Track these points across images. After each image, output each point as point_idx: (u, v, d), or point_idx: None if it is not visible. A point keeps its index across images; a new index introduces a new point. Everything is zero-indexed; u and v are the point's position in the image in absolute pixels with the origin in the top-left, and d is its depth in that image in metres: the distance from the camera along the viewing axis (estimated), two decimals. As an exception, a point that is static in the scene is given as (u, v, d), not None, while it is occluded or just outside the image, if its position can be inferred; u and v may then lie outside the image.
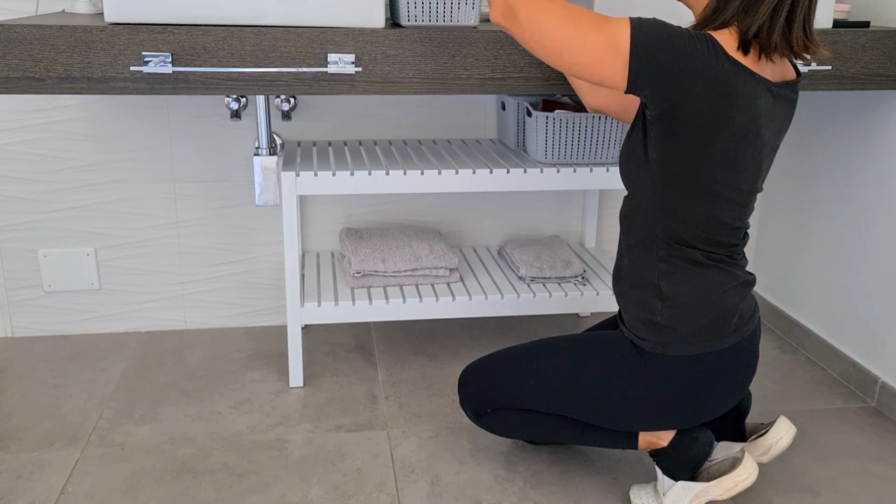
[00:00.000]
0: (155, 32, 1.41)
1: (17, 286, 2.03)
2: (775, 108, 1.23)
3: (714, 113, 1.17)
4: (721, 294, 1.30)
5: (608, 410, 1.37)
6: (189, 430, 1.68)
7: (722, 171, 1.22)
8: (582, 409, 1.39)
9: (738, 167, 1.23)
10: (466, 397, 1.49)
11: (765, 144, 1.24)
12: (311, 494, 1.48)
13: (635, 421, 1.38)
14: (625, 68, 1.15)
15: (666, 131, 1.21)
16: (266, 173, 1.75)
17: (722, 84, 1.15)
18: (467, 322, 2.22)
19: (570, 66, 1.20)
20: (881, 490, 1.54)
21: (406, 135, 2.09)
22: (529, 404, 1.42)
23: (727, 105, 1.16)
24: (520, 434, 1.53)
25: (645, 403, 1.34)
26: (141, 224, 2.03)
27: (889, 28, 1.71)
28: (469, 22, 1.56)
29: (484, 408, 1.47)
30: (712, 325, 1.30)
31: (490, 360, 1.49)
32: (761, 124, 1.21)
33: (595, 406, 1.37)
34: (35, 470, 1.53)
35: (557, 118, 1.78)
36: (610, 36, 1.15)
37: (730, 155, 1.21)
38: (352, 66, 1.48)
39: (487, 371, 1.47)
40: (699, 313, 1.29)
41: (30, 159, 1.94)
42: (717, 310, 1.29)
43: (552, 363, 1.40)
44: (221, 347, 2.05)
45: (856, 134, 1.88)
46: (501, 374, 1.44)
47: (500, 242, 2.23)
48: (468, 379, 1.50)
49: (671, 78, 1.14)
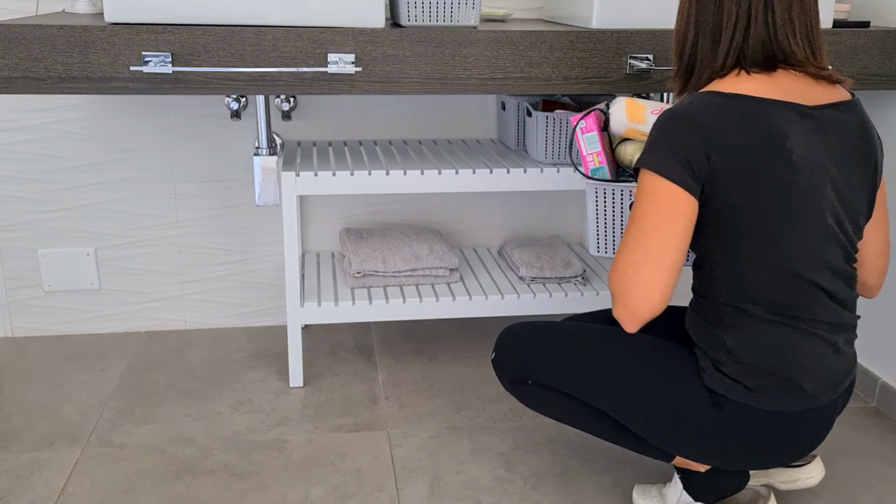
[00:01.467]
0: (155, 32, 1.41)
1: (17, 286, 2.03)
2: (813, 130, 1.15)
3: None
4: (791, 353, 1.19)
5: (660, 429, 1.26)
6: (189, 431, 1.68)
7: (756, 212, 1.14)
8: (633, 419, 1.27)
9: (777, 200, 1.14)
10: (504, 361, 1.37)
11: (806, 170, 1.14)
12: (311, 495, 1.48)
13: (682, 448, 1.27)
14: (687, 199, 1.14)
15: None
16: (266, 173, 1.75)
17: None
18: (467, 322, 2.22)
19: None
20: (881, 490, 1.54)
21: (406, 135, 2.09)
22: (576, 392, 1.30)
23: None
24: (553, 415, 1.39)
25: (700, 437, 1.23)
26: (141, 224, 2.03)
27: (889, 28, 1.71)
28: (469, 22, 1.56)
29: (524, 378, 1.35)
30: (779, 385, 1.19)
31: (543, 330, 1.35)
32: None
33: (648, 420, 1.26)
34: (35, 470, 1.53)
35: (557, 118, 1.78)
36: (659, 195, 1.14)
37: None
38: (352, 66, 1.48)
39: (539, 341, 1.34)
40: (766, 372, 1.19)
41: (30, 159, 1.94)
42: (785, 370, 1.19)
43: (616, 360, 1.27)
44: (221, 347, 2.05)
45: (856, 134, 1.88)
46: (554, 349, 1.31)
47: (500, 242, 2.23)
48: (510, 342, 1.37)
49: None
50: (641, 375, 1.26)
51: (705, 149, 1.11)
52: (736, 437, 1.22)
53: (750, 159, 1.11)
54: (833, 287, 1.18)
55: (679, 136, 1.12)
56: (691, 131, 1.12)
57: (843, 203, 1.17)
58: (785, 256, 1.15)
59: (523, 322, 1.40)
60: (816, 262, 1.16)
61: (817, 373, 1.18)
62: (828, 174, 1.15)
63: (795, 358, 1.18)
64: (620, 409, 1.28)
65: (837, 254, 1.18)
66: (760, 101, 1.13)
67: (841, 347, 1.21)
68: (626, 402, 1.26)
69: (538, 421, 1.74)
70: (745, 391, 1.19)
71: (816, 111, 1.15)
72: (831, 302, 1.19)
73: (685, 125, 1.12)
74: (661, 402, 1.24)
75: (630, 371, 1.26)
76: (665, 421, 1.24)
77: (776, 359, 1.18)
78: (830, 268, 1.18)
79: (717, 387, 1.20)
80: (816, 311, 1.18)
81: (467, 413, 1.77)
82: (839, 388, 1.22)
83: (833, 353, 1.20)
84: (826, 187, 1.15)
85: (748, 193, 1.12)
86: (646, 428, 1.27)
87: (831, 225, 1.16)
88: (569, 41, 1.55)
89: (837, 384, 1.22)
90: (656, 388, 1.24)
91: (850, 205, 1.18)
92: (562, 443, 1.67)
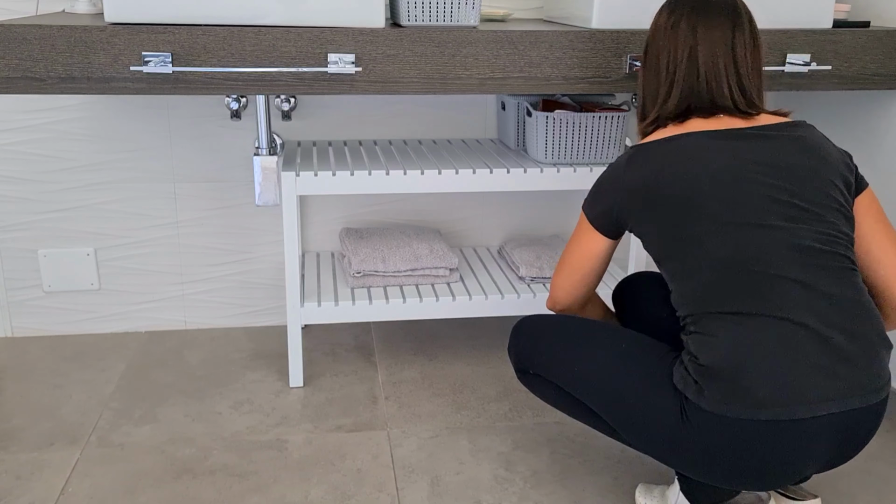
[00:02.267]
0: (155, 32, 1.41)
1: (17, 286, 2.03)
2: (737, 145, 1.23)
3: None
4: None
5: (633, 429, 1.26)
6: (189, 431, 1.68)
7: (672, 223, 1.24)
8: (613, 419, 1.29)
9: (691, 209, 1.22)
10: (513, 349, 1.44)
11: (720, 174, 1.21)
12: (310, 494, 1.48)
13: (653, 451, 1.27)
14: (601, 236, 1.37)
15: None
16: (266, 173, 1.75)
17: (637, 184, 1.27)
18: (467, 322, 2.22)
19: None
20: (881, 490, 1.54)
21: (406, 135, 2.09)
22: (566, 386, 1.34)
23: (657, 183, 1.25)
24: (552, 404, 1.42)
25: (667, 441, 1.22)
26: (141, 224, 2.03)
27: (889, 28, 1.71)
28: (469, 22, 1.56)
29: (527, 367, 1.41)
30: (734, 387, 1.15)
31: (549, 324, 1.40)
32: (706, 162, 1.22)
33: (624, 421, 1.27)
34: (35, 470, 1.53)
35: (557, 118, 1.78)
36: (583, 237, 1.39)
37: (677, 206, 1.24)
38: (352, 66, 1.48)
39: (541, 335, 1.40)
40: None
41: (30, 159, 1.94)
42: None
43: (600, 359, 1.30)
44: (221, 347, 2.05)
45: (856, 134, 1.88)
46: (552, 344, 1.37)
47: (500, 242, 2.23)
48: (521, 331, 1.43)
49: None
50: (618, 374, 1.28)
51: (614, 194, 1.30)
52: (696, 444, 1.18)
53: (643, 191, 1.25)
54: (807, 278, 1.16)
55: (600, 183, 1.34)
56: (608, 180, 1.33)
57: (792, 192, 1.20)
58: (714, 253, 1.19)
59: (537, 315, 1.45)
60: (768, 250, 1.16)
61: (774, 378, 1.12)
62: (749, 175, 1.21)
63: (746, 358, 1.13)
64: (598, 404, 1.31)
65: (804, 237, 1.17)
66: (658, 141, 1.27)
67: (836, 354, 1.13)
68: (603, 399, 1.29)
69: (538, 421, 1.74)
70: (696, 389, 1.16)
71: (728, 132, 1.25)
72: (806, 295, 1.15)
73: (606, 175, 1.34)
74: (631, 400, 1.26)
75: (610, 370, 1.29)
76: (636, 421, 1.26)
77: (724, 359, 1.14)
78: (798, 252, 1.17)
79: (678, 383, 1.21)
80: (785, 306, 1.14)
81: (467, 413, 1.77)
82: (820, 404, 1.12)
83: (815, 359, 1.13)
84: (749, 184, 1.20)
85: (656, 218, 1.25)
86: (621, 427, 1.29)
87: (769, 213, 1.18)
88: (569, 41, 1.55)
89: (819, 399, 1.11)
90: (628, 387, 1.26)
91: (801, 202, 1.20)
92: (562, 443, 1.67)
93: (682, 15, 1.28)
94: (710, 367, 1.16)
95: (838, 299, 1.16)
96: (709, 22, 1.27)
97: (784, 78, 1.65)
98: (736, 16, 1.28)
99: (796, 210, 1.19)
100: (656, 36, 1.32)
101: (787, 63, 1.64)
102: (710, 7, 1.28)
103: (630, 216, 1.29)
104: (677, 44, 1.28)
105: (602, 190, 1.34)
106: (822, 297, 1.16)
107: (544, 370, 1.38)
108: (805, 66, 1.64)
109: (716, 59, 1.27)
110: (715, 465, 1.19)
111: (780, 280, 1.15)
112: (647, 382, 1.25)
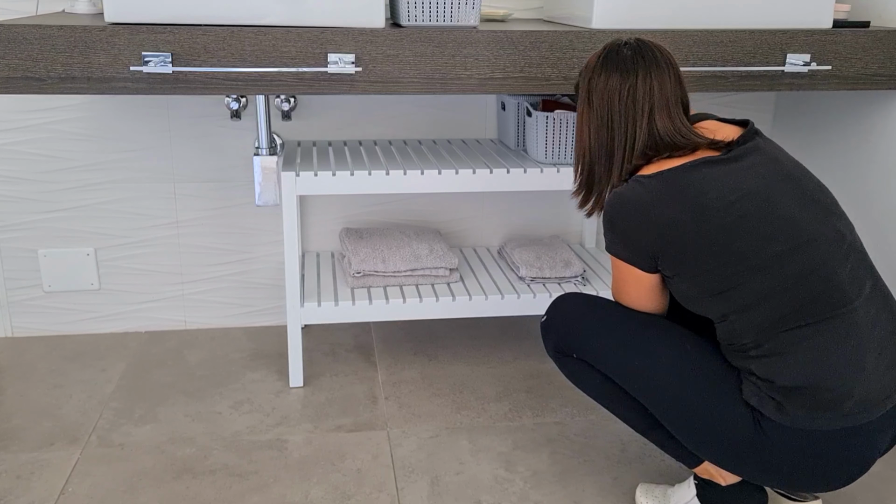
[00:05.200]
0: (155, 32, 1.41)
1: (17, 286, 2.03)
2: (746, 164, 1.22)
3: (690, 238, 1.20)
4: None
5: (696, 434, 1.24)
6: (189, 431, 1.68)
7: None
8: (670, 419, 1.27)
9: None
10: (553, 329, 1.39)
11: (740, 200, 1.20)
12: (310, 494, 1.48)
13: (716, 457, 1.25)
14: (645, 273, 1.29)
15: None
16: (266, 173, 1.75)
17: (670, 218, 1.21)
18: (467, 322, 2.22)
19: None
20: (881, 490, 1.54)
21: (406, 135, 2.09)
22: (618, 378, 1.30)
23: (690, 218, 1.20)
24: (590, 393, 1.39)
25: (735, 450, 1.22)
26: (141, 224, 2.03)
27: (889, 28, 1.71)
28: (469, 22, 1.56)
29: (569, 351, 1.36)
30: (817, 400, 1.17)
31: (599, 309, 1.36)
32: (717, 192, 1.20)
33: (685, 424, 1.25)
34: (35, 470, 1.54)
35: (557, 118, 1.78)
36: (628, 277, 1.31)
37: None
38: (352, 66, 1.48)
39: (591, 319, 1.35)
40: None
41: (30, 159, 1.94)
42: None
43: (663, 356, 1.26)
44: (221, 347, 2.05)
45: (856, 134, 1.88)
46: (605, 329, 1.32)
47: (500, 242, 2.23)
48: (564, 311, 1.39)
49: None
50: (685, 377, 1.24)
51: (645, 231, 1.23)
52: (773, 454, 1.19)
53: (686, 224, 1.19)
54: (857, 275, 1.18)
55: (620, 222, 1.26)
56: (631, 217, 1.24)
57: (809, 194, 1.21)
58: (780, 273, 1.16)
59: (582, 293, 1.41)
60: (825, 256, 1.17)
61: (855, 386, 1.14)
62: (773, 185, 1.20)
63: (825, 371, 1.15)
64: (659, 405, 1.27)
65: (844, 233, 1.20)
66: (676, 171, 1.22)
67: (892, 347, 1.18)
68: (666, 400, 1.25)
69: (538, 421, 1.74)
70: (776, 405, 1.17)
71: (724, 156, 1.22)
72: (861, 292, 1.17)
73: (624, 211, 1.25)
74: (701, 408, 1.23)
75: (675, 370, 1.25)
76: (702, 428, 1.23)
77: (803, 377, 1.15)
78: (847, 250, 1.19)
79: (750, 399, 1.19)
80: (850, 306, 1.16)
81: (467, 413, 1.77)
82: (887, 399, 1.17)
83: (881, 358, 1.16)
84: (780, 196, 1.19)
85: (705, 252, 1.19)
86: (681, 431, 1.26)
87: (810, 217, 1.19)
88: (569, 41, 1.55)
89: (887, 395, 1.16)
90: (697, 394, 1.23)
91: (818, 195, 1.22)
92: (562, 443, 1.67)
93: (637, 76, 1.25)
94: (789, 386, 1.16)
95: (879, 291, 1.21)
96: (661, 79, 1.25)
97: (784, 78, 1.65)
98: (673, 66, 1.28)
99: (821, 207, 1.21)
100: (609, 97, 1.27)
101: (787, 63, 1.64)
102: (658, 63, 1.26)
103: (666, 253, 1.22)
104: (636, 106, 1.26)
105: (624, 229, 1.25)
106: (872, 291, 1.20)
107: (594, 358, 1.32)
108: (805, 66, 1.64)
109: (673, 115, 1.26)
110: (788, 471, 1.20)
111: (840, 285, 1.17)
112: (716, 391, 1.23)
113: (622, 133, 1.27)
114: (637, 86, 1.25)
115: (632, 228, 1.24)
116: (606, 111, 1.28)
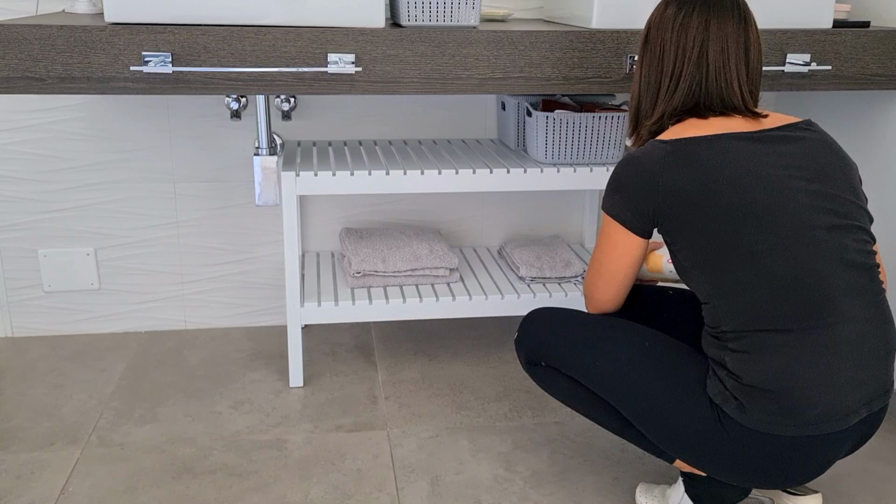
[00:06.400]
0: (155, 32, 1.41)
1: (17, 286, 2.03)
2: (774, 149, 1.20)
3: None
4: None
5: (660, 430, 1.26)
6: (189, 430, 1.68)
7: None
8: (635, 416, 1.28)
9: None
10: (523, 341, 1.41)
11: (763, 185, 1.19)
12: (310, 494, 1.48)
13: (679, 453, 1.26)
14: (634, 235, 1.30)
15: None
16: (266, 173, 1.75)
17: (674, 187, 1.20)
18: (467, 322, 2.22)
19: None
20: (881, 490, 1.54)
21: (406, 135, 2.09)
22: (584, 380, 1.32)
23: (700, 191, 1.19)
24: (561, 399, 1.42)
25: (698, 445, 1.23)
26: (141, 224, 2.03)
27: (889, 28, 1.71)
28: (469, 22, 1.56)
29: (538, 360, 1.39)
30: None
31: (564, 317, 1.39)
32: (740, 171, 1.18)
33: (650, 420, 1.26)
34: (35, 470, 1.54)
35: (557, 118, 1.78)
36: (617, 239, 1.31)
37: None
38: (352, 66, 1.48)
39: (557, 327, 1.38)
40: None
41: (30, 159, 1.94)
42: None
43: (626, 356, 1.28)
44: (221, 347, 2.05)
45: (856, 134, 1.88)
46: (571, 337, 1.35)
47: (500, 242, 2.23)
48: (533, 323, 1.41)
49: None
50: (646, 374, 1.26)
51: (651, 195, 1.22)
52: (732, 452, 1.20)
53: (693, 196, 1.18)
54: (852, 293, 1.16)
55: (628, 183, 1.25)
56: (639, 179, 1.23)
57: (829, 196, 1.19)
58: (770, 269, 1.15)
59: (550, 307, 1.43)
60: (821, 266, 1.15)
61: (822, 398, 1.13)
62: (792, 182, 1.18)
63: (795, 380, 1.14)
64: (624, 403, 1.28)
65: (849, 249, 1.17)
66: (697, 140, 1.20)
67: (869, 366, 1.16)
68: (630, 398, 1.27)
69: (538, 421, 1.74)
70: (737, 406, 1.17)
71: (757, 134, 1.21)
72: (851, 312, 1.15)
73: (634, 173, 1.24)
74: (663, 403, 1.24)
75: (635, 368, 1.27)
76: (665, 423, 1.24)
77: (771, 380, 1.14)
78: (846, 267, 1.16)
79: (714, 396, 1.20)
80: (834, 322, 1.14)
81: (467, 413, 1.77)
82: (854, 414, 1.16)
83: (854, 373, 1.15)
84: (796, 193, 1.17)
85: (705, 227, 1.18)
86: (647, 427, 1.27)
87: (817, 223, 1.17)
88: (569, 41, 1.55)
89: (855, 409, 1.16)
90: (660, 390, 1.24)
91: (839, 206, 1.19)
92: (562, 443, 1.67)
93: (694, 8, 1.24)
94: (755, 386, 1.15)
95: (877, 308, 1.19)
96: (722, 18, 1.23)
97: (784, 78, 1.65)
98: (745, 14, 1.25)
99: (836, 217, 1.18)
100: (662, 28, 1.27)
101: (787, 63, 1.64)
102: (722, 3, 1.25)
103: (669, 220, 1.22)
104: (687, 37, 1.24)
105: (632, 190, 1.24)
106: (868, 307, 1.17)
107: (560, 363, 1.35)
108: (805, 66, 1.64)
109: (727, 57, 1.24)
110: (748, 469, 1.21)
111: (832, 297, 1.15)
112: (679, 386, 1.24)
113: (671, 66, 1.26)
114: (693, 17, 1.24)
115: (639, 190, 1.23)
116: (659, 42, 1.27)
